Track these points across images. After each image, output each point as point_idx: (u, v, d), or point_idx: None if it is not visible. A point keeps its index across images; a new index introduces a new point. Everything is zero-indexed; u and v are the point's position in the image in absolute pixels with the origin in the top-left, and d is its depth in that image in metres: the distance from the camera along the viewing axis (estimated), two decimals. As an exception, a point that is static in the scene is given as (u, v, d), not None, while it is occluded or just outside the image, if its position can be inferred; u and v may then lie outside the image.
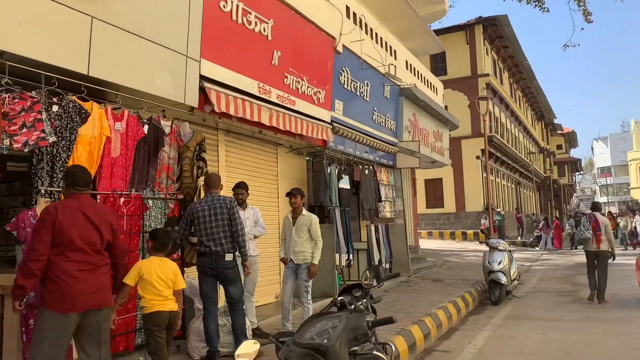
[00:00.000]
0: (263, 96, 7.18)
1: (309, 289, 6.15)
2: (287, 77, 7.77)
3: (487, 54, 31.48)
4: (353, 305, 4.46)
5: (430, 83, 15.38)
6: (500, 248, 10.21)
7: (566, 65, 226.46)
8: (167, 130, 5.74)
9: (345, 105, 9.66)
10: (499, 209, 31.02)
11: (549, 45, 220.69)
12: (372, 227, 10.77)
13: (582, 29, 16.23)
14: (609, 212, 35.15)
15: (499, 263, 9.92)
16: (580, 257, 18.13)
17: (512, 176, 38.32)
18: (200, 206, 5.19)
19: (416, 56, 14.99)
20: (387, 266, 11.22)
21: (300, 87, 8.10)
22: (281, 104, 7.55)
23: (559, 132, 63.95)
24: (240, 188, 6.29)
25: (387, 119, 11.58)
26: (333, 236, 8.95)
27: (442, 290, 10.12)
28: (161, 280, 4.22)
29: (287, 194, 6.34)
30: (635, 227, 23.48)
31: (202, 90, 6.07)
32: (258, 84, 7.10)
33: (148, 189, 5.46)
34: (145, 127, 5.44)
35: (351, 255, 9.78)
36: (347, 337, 2.75)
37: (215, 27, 6.30)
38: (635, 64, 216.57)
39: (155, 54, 5.47)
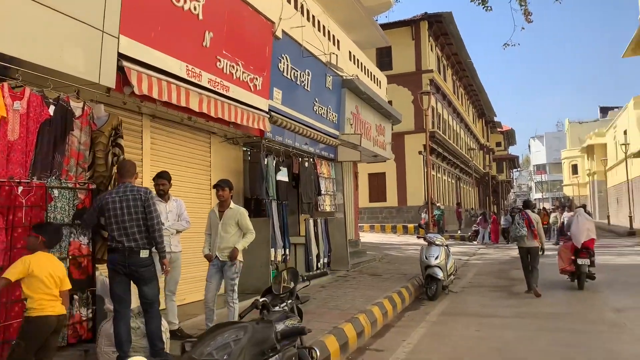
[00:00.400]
0: (192, 80, 6.65)
1: (235, 288, 5.73)
2: (220, 61, 7.27)
3: (431, 50, 31.81)
4: (277, 307, 4.10)
5: (374, 76, 15.20)
6: (437, 243, 10.13)
7: (506, 65, 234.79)
8: (77, 112, 5.15)
9: (285, 94, 9.25)
10: (439, 204, 31.55)
11: (492, 44, 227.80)
12: (311, 221, 10.45)
13: (523, 28, 16.50)
14: (543, 208, 36.42)
15: (436, 258, 9.83)
16: (516, 252, 18.58)
17: (452, 172, 39.11)
18: (111, 197, 4.66)
19: (361, 49, 14.75)
20: (326, 260, 10.94)
21: (235, 72, 7.62)
22: (213, 89, 7.05)
23: (498, 130, 66.04)
24: (162, 178, 5.78)
25: (328, 110, 11.25)
26: (269, 230, 8.55)
27: (379, 285, 9.94)
28: (52, 278, 3.73)
29: (215, 186, 5.88)
30: (563, 222, 24.11)
31: (121, 70, 5.49)
32: (187, 66, 6.56)
33: (53, 177, 4.87)
34: (51, 108, 4.84)
35: (287, 250, 9.41)
36: (252, 352, 2.38)
37: (138, 1, 5.73)
38: (570, 66, 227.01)
39: (65, 27, 4.86)
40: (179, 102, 6.33)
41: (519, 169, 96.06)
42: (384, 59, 31.03)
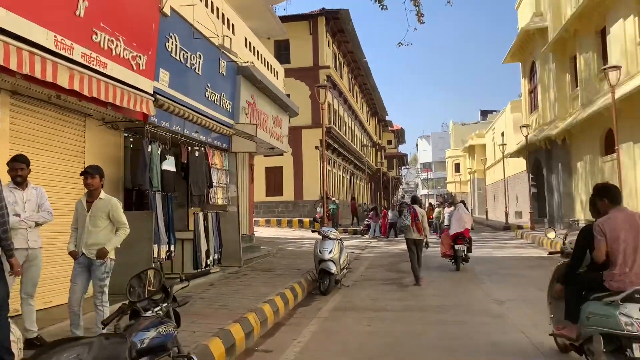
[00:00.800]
0: (62, 52, 5.79)
1: (105, 289, 5.04)
2: (96, 34, 6.43)
3: (328, 46, 32.00)
4: (149, 311, 3.54)
5: (272, 67, 14.77)
6: (331, 237, 9.97)
7: (398, 67, 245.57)
8: None
9: (173, 77, 8.52)
10: (333, 198, 31.92)
11: (386, 45, 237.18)
12: (201, 215, 9.80)
13: (415, 29, 17.00)
14: (430, 204, 38.15)
15: (330, 252, 9.67)
16: (403, 245, 19.18)
17: (347, 167, 39.83)
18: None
19: (259, 37, 14.27)
20: (216, 257, 10.34)
21: (115, 48, 6.80)
22: (87, 64, 6.21)
23: (389, 128, 68.60)
24: (19, 162, 4.93)
25: (222, 97, 10.64)
26: (151, 225, 7.81)
27: (271, 281, 9.56)
28: None
29: (82, 173, 5.12)
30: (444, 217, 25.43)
31: (-34, 33, 4.58)
32: (55, 36, 5.70)
33: None
34: None
35: (173, 247, 8.71)
36: (99, 376, 1.86)
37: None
38: (456, 70, 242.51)
39: None
40: (43, 77, 5.46)
41: (407, 167, 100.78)
42: (282, 52, 30.66)
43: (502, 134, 46.09)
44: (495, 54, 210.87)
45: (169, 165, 8.73)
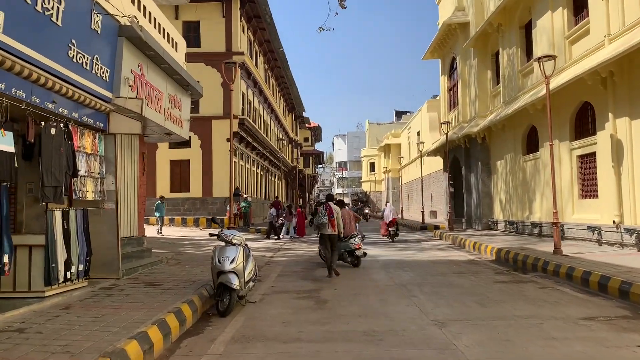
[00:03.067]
0: None
1: None
2: None
3: (243, 32, 29.71)
4: None
5: (169, 35, 12.40)
6: (234, 242, 7.90)
7: (315, 63, 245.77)
8: None
9: (11, 20, 6.06)
10: (246, 195, 29.67)
11: (304, 38, 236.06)
12: (57, 214, 7.34)
13: (337, 13, 15.50)
14: (354, 201, 36.80)
15: (232, 261, 7.61)
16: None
17: (262, 163, 37.69)
18: None
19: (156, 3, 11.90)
20: (82, 268, 7.91)
21: None
22: None
23: (307, 125, 67.14)
24: None
25: (95, 61, 8.22)
26: (-36, 226, 5.35)
27: (153, 300, 7.32)
28: None
29: None
30: (383, 210, 25.19)
31: None
32: None
33: None
34: None
35: (6, 257, 6.23)
36: None
37: None
38: (371, 71, 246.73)
39: None
40: None
41: (323, 165, 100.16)
42: (190, 34, 28.08)
43: (418, 133, 46.11)
44: (411, 55, 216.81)
45: (5, 143, 6.24)
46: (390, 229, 20.42)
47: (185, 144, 27.76)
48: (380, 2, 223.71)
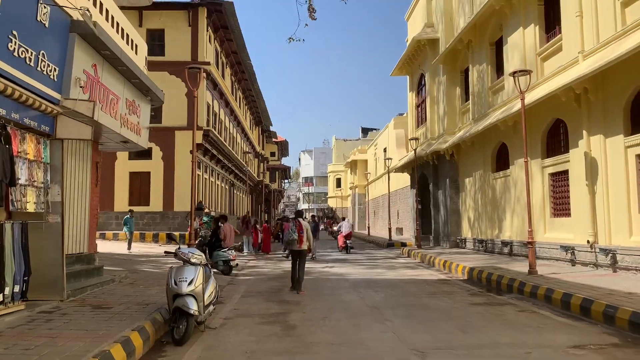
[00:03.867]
0: None
1: None
2: None
3: (210, 42, 28.93)
4: None
5: (128, 36, 11.57)
6: (193, 261, 7.12)
7: (282, 78, 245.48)
8: None
9: None
10: (207, 210, 28.60)
11: (271, 51, 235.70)
12: (-11, 226, 6.42)
13: (307, 24, 14.75)
14: (312, 216, 36.49)
15: (190, 283, 6.82)
16: (286, 264, 16.68)
17: (227, 177, 36.70)
18: None
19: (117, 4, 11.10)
20: (17, 289, 6.96)
21: None
22: None
23: (273, 140, 66.41)
24: None
25: (41, 58, 7.36)
26: None
27: (99, 326, 6.44)
28: None
29: None
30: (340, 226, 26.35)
31: None
32: None
33: None
34: None
35: None
36: None
37: None
38: (336, 87, 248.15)
39: None
40: None
41: (289, 180, 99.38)
42: (155, 42, 27.13)
43: (385, 150, 46.03)
44: (377, 72, 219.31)
45: None
46: (348, 241, 23.52)
47: (146, 155, 26.62)
48: (349, 18, 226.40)
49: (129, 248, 19.77)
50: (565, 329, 7.42)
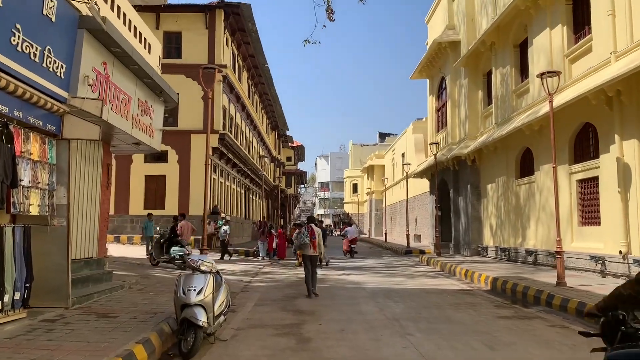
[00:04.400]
0: None
1: None
2: None
3: (227, 45, 28.72)
4: None
5: (141, 34, 11.28)
6: (203, 269, 6.70)
7: (301, 84, 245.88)
8: None
9: None
10: (224, 215, 28.32)
11: (287, 57, 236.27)
12: (-12, 230, 6.09)
13: (324, 26, 14.47)
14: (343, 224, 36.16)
15: (199, 292, 6.41)
16: (300, 271, 16.24)
17: (242, 181, 36.44)
18: None
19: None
20: (18, 296, 6.62)
21: None
22: None
23: (290, 144, 66.16)
24: None
25: (47, 54, 7.05)
26: None
27: (102, 337, 6.06)
28: None
29: None
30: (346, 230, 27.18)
31: None
32: None
33: None
34: None
35: None
36: None
37: None
38: (353, 91, 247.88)
39: None
40: None
41: (305, 185, 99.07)
42: (172, 45, 27.04)
43: (403, 155, 45.41)
44: (396, 77, 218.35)
45: None
46: (352, 245, 25.05)
47: (162, 158, 26.49)
48: (367, 21, 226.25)
49: (148, 254, 19.09)
50: (603, 348, 6.83)
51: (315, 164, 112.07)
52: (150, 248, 18.86)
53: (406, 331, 7.79)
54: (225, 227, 22.26)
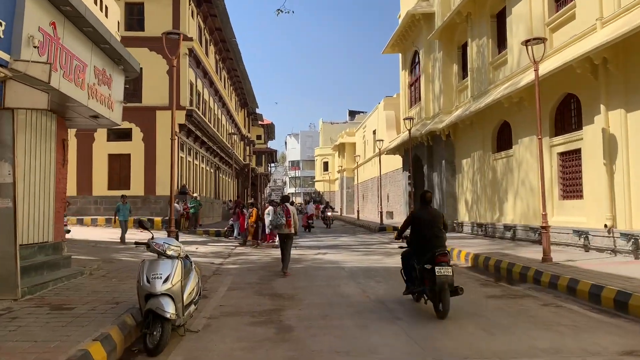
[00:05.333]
0: None
1: None
2: None
3: (192, 17, 27.33)
4: None
5: (96, -4, 10.16)
6: (169, 253, 5.90)
7: (267, 60, 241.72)
8: None
9: None
10: (195, 194, 27.34)
11: (257, 34, 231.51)
12: None
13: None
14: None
15: (165, 280, 5.62)
16: (275, 251, 15.57)
17: (211, 159, 35.29)
18: None
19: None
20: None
21: None
22: None
23: (259, 122, 64.87)
24: None
25: (-20, 9, 6.01)
26: None
27: (54, 334, 5.23)
28: None
29: None
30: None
31: None
32: None
33: None
34: None
35: None
36: None
37: None
38: (323, 70, 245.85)
39: None
40: None
41: (276, 164, 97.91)
42: (133, 17, 25.53)
43: (374, 132, 44.87)
44: (365, 54, 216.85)
45: None
46: (309, 221, 28.42)
47: (126, 136, 25.24)
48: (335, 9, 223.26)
49: (123, 239, 17.65)
50: (605, 328, 6.37)
51: (286, 143, 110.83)
52: (124, 234, 17.63)
53: (394, 315, 7.20)
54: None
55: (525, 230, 15.39)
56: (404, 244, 8.03)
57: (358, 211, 43.24)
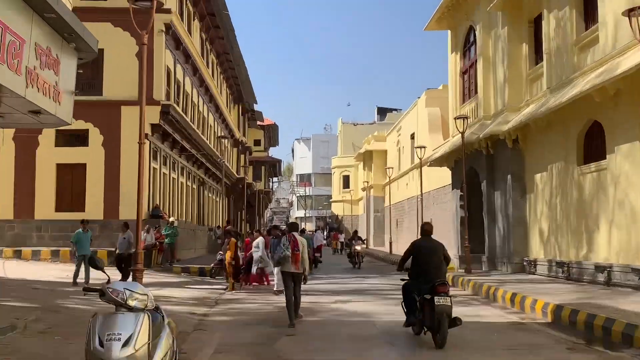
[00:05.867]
0: None
1: None
2: None
3: (170, -17, 27.55)
4: None
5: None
6: (132, 304, 5.55)
7: (272, 42, 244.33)
8: None
9: None
10: (171, 219, 27.17)
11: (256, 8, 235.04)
12: None
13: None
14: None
15: (126, 343, 5.26)
16: (283, 300, 15.31)
17: (195, 172, 35.38)
18: None
19: None
20: None
21: None
22: None
23: (258, 123, 65.33)
24: None
25: None
26: None
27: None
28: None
29: None
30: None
31: None
32: None
33: None
34: None
35: None
36: None
37: None
38: (342, 57, 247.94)
39: None
40: None
41: (279, 178, 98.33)
42: (93, -17, 25.79)
43: (412, 136, 44.77)
44: (400, 36, 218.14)
45: None
46: (316, 254, 29.03)
47: (81, 140, 25.39)
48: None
49: (75, 280, 17.30)
50: None
51: (293, 150, 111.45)
52: (83, 271, 17.25)
53: None
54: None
55: (625, 273, 14.95)
56: (406, 277, 10.13)
57: (391, 242, 42.97)
